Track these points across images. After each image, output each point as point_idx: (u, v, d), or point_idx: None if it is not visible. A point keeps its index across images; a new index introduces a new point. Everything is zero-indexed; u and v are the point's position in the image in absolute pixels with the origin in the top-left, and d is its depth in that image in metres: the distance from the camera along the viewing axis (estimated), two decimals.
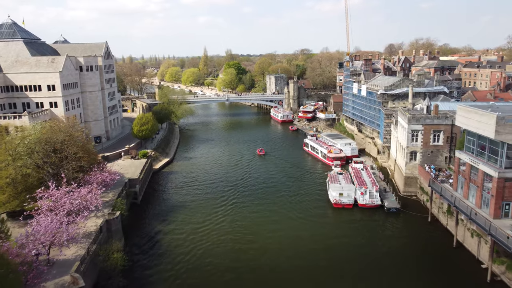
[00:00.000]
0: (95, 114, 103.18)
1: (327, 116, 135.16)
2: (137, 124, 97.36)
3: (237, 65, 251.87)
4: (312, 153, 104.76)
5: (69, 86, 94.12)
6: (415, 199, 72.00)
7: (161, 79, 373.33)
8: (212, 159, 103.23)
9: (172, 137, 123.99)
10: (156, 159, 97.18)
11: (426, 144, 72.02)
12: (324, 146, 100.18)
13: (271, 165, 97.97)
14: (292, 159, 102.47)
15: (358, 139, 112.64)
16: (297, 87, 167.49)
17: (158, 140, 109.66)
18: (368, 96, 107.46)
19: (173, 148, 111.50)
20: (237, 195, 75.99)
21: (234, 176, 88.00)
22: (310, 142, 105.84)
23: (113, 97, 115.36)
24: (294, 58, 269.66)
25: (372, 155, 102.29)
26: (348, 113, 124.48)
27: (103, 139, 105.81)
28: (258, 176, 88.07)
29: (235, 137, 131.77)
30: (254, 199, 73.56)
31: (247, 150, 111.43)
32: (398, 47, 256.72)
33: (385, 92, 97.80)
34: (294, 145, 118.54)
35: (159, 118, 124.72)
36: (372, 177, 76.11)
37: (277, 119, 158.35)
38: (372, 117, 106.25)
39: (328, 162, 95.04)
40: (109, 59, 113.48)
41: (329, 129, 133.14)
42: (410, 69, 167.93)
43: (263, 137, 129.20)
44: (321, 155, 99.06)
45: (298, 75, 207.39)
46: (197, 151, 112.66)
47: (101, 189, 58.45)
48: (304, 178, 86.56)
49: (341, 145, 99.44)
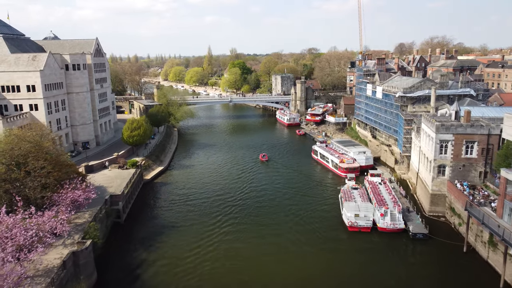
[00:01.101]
0: (83, 118, 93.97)
1: (337, 120, 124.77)
2: (127, 129, 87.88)
3: (242, 64, 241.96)
4: (321, 162, 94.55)
5: (52, 87, 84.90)
6: (443, 222, 61.49)
7: (165, 79, 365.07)
8: (211, 168, 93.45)
9: (169, 142, 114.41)
10: (148, 168, 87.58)
11: (457, 156, 61.52)
12: (335, 155, 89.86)
13: (275, 174, 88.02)
14: (299, 168, 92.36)
15: (372, 146, 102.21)
16: (304, 87, 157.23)
17: (153, 146, 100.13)
18: (384, 99, 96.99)
19: (169, 155, 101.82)
20: (235, 213, 66.08)
21: (234, 188, 78.09)
22: (320, 150, 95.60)
23: (105, 98, 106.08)
24: (301, 57, 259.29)
25: (388, 165, 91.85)
26: (361, 117, 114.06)
27: (92, 145, 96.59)
28: (261, 188, 78.11)
29: (237, 141, 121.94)
30: (255, 220, 63.55)
31: (250, 157, 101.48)
32: (409, 46, 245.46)
33: (404, 94, 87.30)
34: (301, 151, 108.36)
35: (155, 121, 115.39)
36: (392, 194, 65.77)
37: (283, 122, 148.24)
38: (388, 122, 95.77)
39: (340, 173, 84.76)
40: (100, 57, 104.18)
41: (339, 134, 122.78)
42: (426, 69, 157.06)
43: (268, 142, 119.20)
44: (332, 165, 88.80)
45: (305, 75, 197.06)
46: (195, 158, 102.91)
47: (71, 212, 49.02)
48: (313, 192, 76.40)
49: (354, 154, 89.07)
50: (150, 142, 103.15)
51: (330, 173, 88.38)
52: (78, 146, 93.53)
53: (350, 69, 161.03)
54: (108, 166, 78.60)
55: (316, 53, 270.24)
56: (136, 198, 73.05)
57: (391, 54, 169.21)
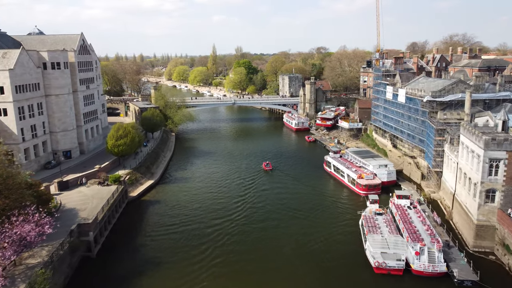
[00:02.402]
0: (64, 123, 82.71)
1: (352, 125, 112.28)
2: (112, 137, 76.39)
3: (247, 63, 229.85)
4: (335, 176, 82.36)
5: (26, 88, 73.69)
6: (493, 261, 49.05)
7: (169, 78, 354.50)
8: (208, 181, 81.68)
9: (164, 150, 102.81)
10: (135, 182, 76.00)
11: (511, 179, 49.11)
12: (352, 169, 77.55)
13: (281, 189, 76.32)
14: (308, 182, 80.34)
15: (393, 157, 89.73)
16: (314, 89, 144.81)
17: (144, 154, 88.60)
18: (407, 103, 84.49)
19: (162, 165, 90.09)
20: (232, 246, 54.23)
21: (233, 209, 66.20)
22: (333, 161, 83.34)
23: (92, 101, 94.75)
24: (309, 57, 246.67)
25: (413, 180, 79.37)
26: (379, 123, 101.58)
27: (75, 154, 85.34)
28: (264, 210, 66.16)
29: (240, 148, 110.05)
30: (255, 255, 51.63)
31: (253, 168, 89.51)
32: (422, 45, 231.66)
33: (434, 99, 74.77)
34: (311, 161, 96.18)
35: (149, 125, 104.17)
36: (427, 223, 53.38)
37: (291, 126, 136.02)
38: (413, 130, 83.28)
39: (358, 190, 72.52)
40: (86, 54, 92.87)
41: (353, 141, 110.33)
42: (447, 69, 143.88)
43: (273, 149, 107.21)
44: (348, 180, 76.56)
45: (314, 75, 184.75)
46: (192, 168, 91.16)
47: (16, 254, 37.57)
48: (326, 215, 64.30)
49: (374, 168, 76.70)
50: (142, 151, 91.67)
51: (346, 190, 76.16)
52: (58, 156, 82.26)
53: (364, 69, 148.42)
54: (85, 182, 67.01)
55: (325, 52, 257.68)
56: (117, 222, 61.44)
57: (409, 53, 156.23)
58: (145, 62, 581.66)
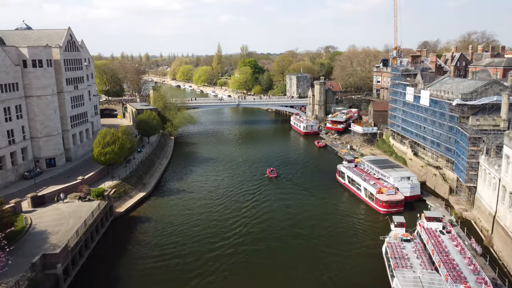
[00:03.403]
0: (47, 128, 74.43)
1: (366, 129, 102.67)
2: (98, 143, 67.78)
3: (253, 63, 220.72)
4: (350, 188, 73.09)
5: (1, 89, 65.43)
6: None
7: (173, 78, 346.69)
8: (206, 193, 72.83)
9: (160, 156, 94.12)
10: (124, 195, 67.35)
11: None
12: (370, 181, 68.14)
13: (288, 200, 68.20)
14: (319, 194, 71.36)
15: (414, 167, 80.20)
16: (324, 89, 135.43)
17: (137, 162, 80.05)
18: (432, 106, 74.95)
19: (157, 175, 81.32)
20: (230, 278, 45.33)
21: (231, 229, 57.28)
22: (348, 172, 74.03)
23: (81, 102, 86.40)
24: (317, 56, 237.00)
25: (439, 194, 69.84)
26: (396, 127, 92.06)
27: (60, 161, 77.03)
28: (266, 231, 57.15)
29: (244, 153, 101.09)
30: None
31: (256, 176, 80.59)
32: (434, 44, 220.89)
33: (465, 102, 65.21)
34: (322, 170, 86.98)
35: (145, 129, 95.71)
36: (468, 256, 43.82)
37: (299, 129, 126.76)
38: (438, 136, 73.72)
39: (378, 207, 63.15)
40: (74, 51, 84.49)
41: (367, 147, 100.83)
42: (467, 69, 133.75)
43: (280, 155, 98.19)
44: (365, 194, 67.21)
45: (322, 75, 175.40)
46: (190, 178, 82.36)
47: None
48: (341, 236, 55.11)
49: (395, 180, 67.22)
50: (135, 157, 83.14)
51: (363, 206, 66.84)
52: (40, 164, 74.05)
53: (377, 69, 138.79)
54: (62, 199, 58.25)
55: (334, 51, 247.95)
56: (98, 245, 52.78)
57: (425, 52, 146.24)
58: (150, 61, 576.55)
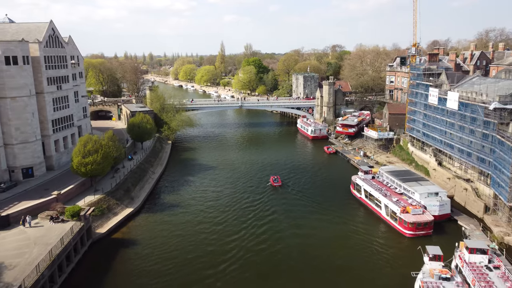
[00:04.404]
0: (23, 133, 65.72)
1: (381, 135, 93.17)
2: (78, 152, 58.94)
3: (257, 62, 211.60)
4: (367, 204, 63.78)
5: None
6: None
7: (175, 78, 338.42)
8: (202, 208, 63.81)
9: (154, 164, 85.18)
10: (108, 212, 58.45)
11: None
12: (393, 197, 58.68)
13: (297, 216, 59.42)
14: (329, 209, 62.39)
15: (439, 179, 70.72)
16: (333, 90, 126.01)
17: (127, 171, 71.24)
18: (462, 110, 65.46)
19: (148, 186, 72.36)
20: None
21: (230, 254, 48.27)
22: (365, 185, 64.70)
23: (65, 104, 77.68)
24: (323, 56, 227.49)
25: (470, 212, 60.41)
26: (416, 132, 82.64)
27: (40, 171, 68.33)
28: (273, 256, 48.12)
29: (246, 160, 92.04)
30: None
31: (260, 186, 71.56)
32: (443, 44, 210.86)
33: (504, 106, 55.74)
34: (333, 180, 77.84)
35: (137, 134, 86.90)
36: None
37: (307, 133, 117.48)
38: (469, 145, 64.23)
39: (402, 230, 53.76)
40: (57, 47, 75.77)
41: (383, 154, 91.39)
42: (488, 68, 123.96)
43: (286, 162, 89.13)
44: (387, 213, 57.85)
45: (329, 74, 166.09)
46: (185, 190, 73.33)
47: None
48: (359, 268, 45.90)
49: (422, 197, 57.75)
50: (124, 166, 74.39)
51: (384, 226, 57.54)
52: (16, 174, 65.46)
53: (391, 68, 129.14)
54: (28, 221, 49.31)
55: (341, 50, 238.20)
56: (69, 277, 43.89)
57: (442, 50, 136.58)
58: (154, 61, 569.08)
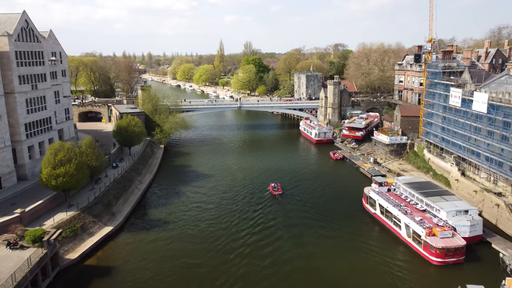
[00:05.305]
0: None
1: (394, 139, 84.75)
2: (47, 163, 50.51)
3: (257, 61, 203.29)
4: (382, 221, 55.39)
5: None
6: None
7: (173, 77, 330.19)
8: (193, 224, 55.51)
9: (142, 172, 76.79)
10: (82, 232, 50.05)
11: None
12: (415, 216, 50.31)
13: (300, 231, 50.96)
14: (337, 224, 54.29)
15: (463, 191, 62.32)
16: (338, 90, 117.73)
17: (109, 182, 62.89)
18: (491, 114, 57.09)
19: (132, 199, 63.84)
20: None
21: (224, 285, 40.12)
22: (380, 199, 56.35)
23: (41, 105, 69.36)
24: (325, 55, 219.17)
25: (504, 232, 52.07)
26: (434, 137, 74.38)
27: (9, 182, 60.01)
28: (272, 286, 39.99)
29: (245, 166, 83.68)
30: None
31: (258, 195, 63.25)
32: (449, 42, 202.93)
33: None
34: (341, 190, 69.56)
35: (125, 138, 78.63)
36: None
37: (310, 136, 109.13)
38: (499, 153, 55.88)
39: (429, 256, 45.35)
40: (32, 41, 67.42)
41: (395, 161, 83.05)
42: (505, 67, 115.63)
43: (288, 169, 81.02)
44: (407, 234, 49.44)
45: (332, 74, 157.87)
46: (176, 202, 64.93)
47: None
48: None
49: (448, 214, 49.36)
50: (107, 175, 66.13)
51: (404, 250, 49.16)
52: None
53: (400, 67, 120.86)
54: None
55: (343, 49, 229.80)
56: None
57: (455, 47, 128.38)
58: (153, 60, 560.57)
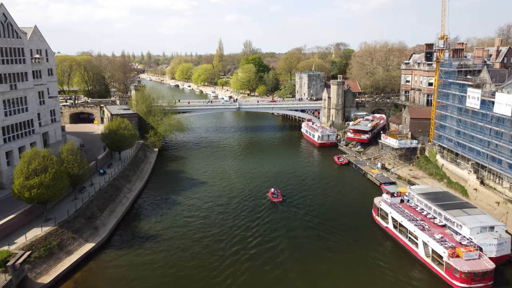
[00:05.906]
0: None
1: (403, 144, 79.04)
2: (19, 173, 44.84)
3: (257, 60, 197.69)
4: (396, 236, 49.74)
5: None
6: None
7: (172, 77, 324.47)
8: (186, 239, 49.95)
9: (132, 179, 71.06)
10: (58, 251, 44.41)
11: None
12: (435, 233, 44.58)
13: (302, 250, 44.59)
14: (346, 241, 48.48)
15: (483, 201, 56.65)
16: (342, 91, 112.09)
17: (94, 191, 57.28)
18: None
19: (120, 210, 58.13)
20: None
21: None
22: (392, 212, 50.69)
23: (22, 107, 63.68)
24: (327, 55, 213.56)
25: None
26: (448, 142, 68.78)
27: None
28: None
29: (243, 172, 78.15)
30: None
31: (256, 204, 57.67)
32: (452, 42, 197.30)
33: None
34: (347, 198, 64.01)
35: (114, 142, 73.03)
36: None
37: (313, 139, 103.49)
38: None
39: (452, 280, 39.71)
40: (10, 37, 61.71)
41: (405, 167, 77.39)
42: None
43: (289, 174, 75.69)
44: (426, 253, 43.76)
45: (334, 73, 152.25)
46: (168, 213, 59.32)
47: None
48: None
49: (472, 231, 43.74)
50: (93, 184, 60.52)
51: (421, 270, 43.48)
52: None
53: (406, 66, 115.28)
54: None
55: (345, 49, 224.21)
56: None
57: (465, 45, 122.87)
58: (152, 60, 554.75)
